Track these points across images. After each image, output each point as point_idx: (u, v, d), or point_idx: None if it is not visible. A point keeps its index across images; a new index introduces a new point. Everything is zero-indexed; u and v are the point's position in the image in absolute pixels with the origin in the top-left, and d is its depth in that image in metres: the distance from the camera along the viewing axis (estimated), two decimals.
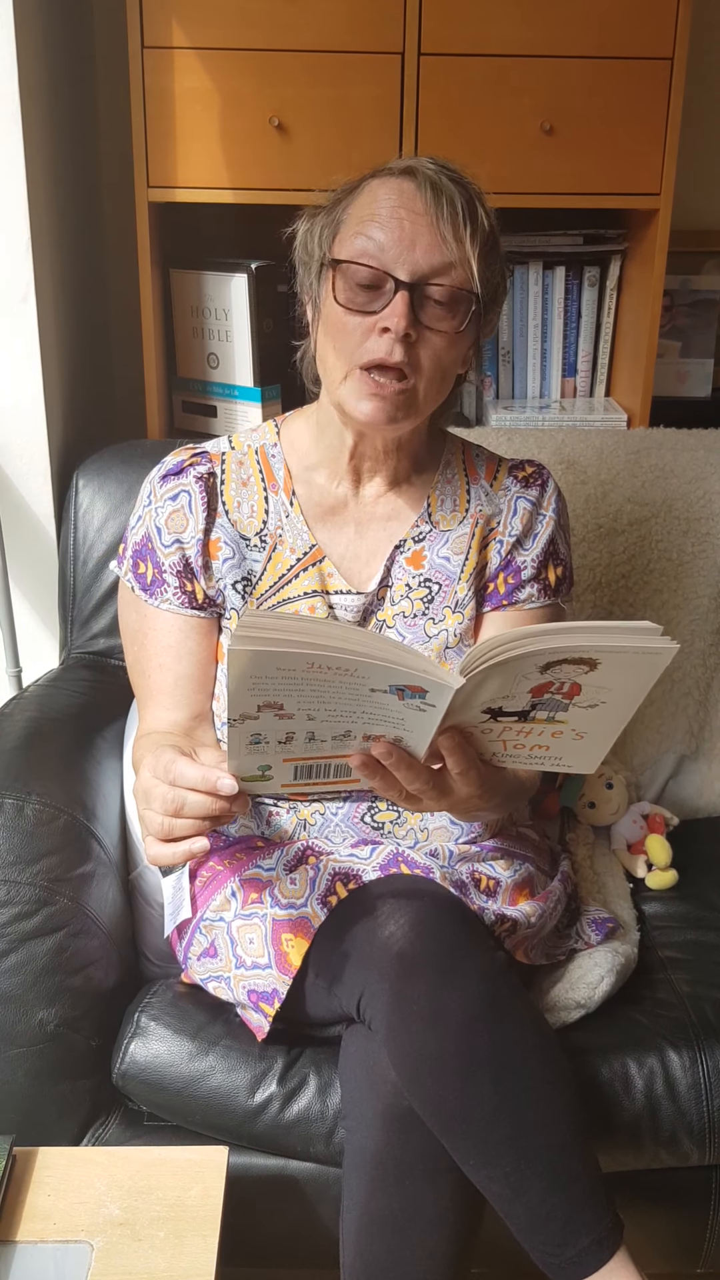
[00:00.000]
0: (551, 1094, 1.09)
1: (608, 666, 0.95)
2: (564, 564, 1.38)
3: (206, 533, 1.31)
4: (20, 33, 1.57)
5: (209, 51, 1.70)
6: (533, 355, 1.98)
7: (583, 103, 1.75)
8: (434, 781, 1.06)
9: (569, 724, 1.02)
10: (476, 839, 1.36)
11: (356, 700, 0.96)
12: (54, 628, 1.81)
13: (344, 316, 1.20)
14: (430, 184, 1.19)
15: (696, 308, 2.08)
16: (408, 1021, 1.09)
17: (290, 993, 1.22)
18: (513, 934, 1.27)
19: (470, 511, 1.35)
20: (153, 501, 1.32)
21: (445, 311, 1.19)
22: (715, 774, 1.78)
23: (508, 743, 1.05)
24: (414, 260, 1.17)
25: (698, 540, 1.74)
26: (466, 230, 1.18)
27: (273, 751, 1.01)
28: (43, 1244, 1.07)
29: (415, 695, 0.95)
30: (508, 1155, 1.06)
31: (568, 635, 0.93)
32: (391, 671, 0.92)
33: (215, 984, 1.31)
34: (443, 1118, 1.08)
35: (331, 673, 0.92)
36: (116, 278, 2.11)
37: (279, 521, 1.32)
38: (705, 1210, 1.31)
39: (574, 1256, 1.05)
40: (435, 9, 1.69)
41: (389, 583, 1.33)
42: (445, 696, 0.94)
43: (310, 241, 1.26)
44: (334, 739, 1.01)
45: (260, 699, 0.94)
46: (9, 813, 1.29)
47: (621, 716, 1.01)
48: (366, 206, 1.21)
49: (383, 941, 1.13)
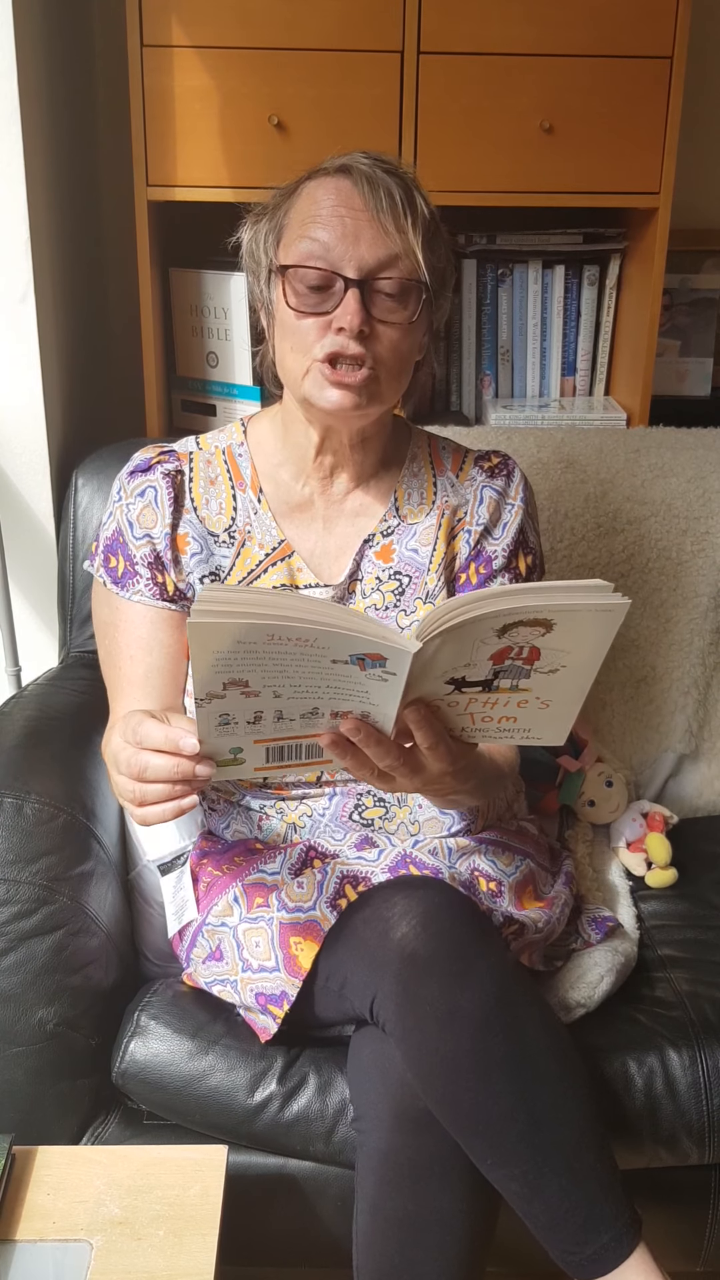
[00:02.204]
0: (566, 1091, 1.09)
1: (563, 626, 0.96)
2: (534, 553, 1.39)
3: (174, 528, 1.31)
4: (20, 32, 1.57)
5: (208, 50, 1.70)
6: (532, 354, 1.98)
7: (582, 102, 1.75)
8: (405, 758, 1.05)
9: (533, 691, 1.02)
10: (469, 829, 1.35)
11: (319, 673, 0.96)
12: (53, 627, 1.81)
13: (297, 320, 1.20)
14: (366, 179, 1.19)
15: (696, 307, 2.08)
16: (422, 1022, 1.09)
17: (298, 995, 1.22)
18: (520, 937, 1.27)
19: (437, 503, 1.35)
20: (122, 498, 1.33)
21: (396, 303, 1.20)
22: (715, 773, 1.78)
23: (475, 715, 1.05)
24: (359, 256, 1.18)
25: (697, 539, 1.74)
26: (408, 220, 1.19)
27: (243, 732, 1.01)
28: (42, 1243, 1.07)
29: (376, 664, 0.95)
30: (524, 1154, 1.06)
31: (520, 596, 0.94)
32: (349, 639, 0.93)
33: (220, 987, 1.31)
34: (459, 1117, 1.08)
35: (291, 644, 0.93)
36: (116, 277, 2.11)
37: (247, 518, 1.33)
38: (705, 1209, 1.31)
39: (594, 1254, 1.05)
40: (435, 8, 1.69)
41: (359, 576, 1.33)
42: (404, 662, 0.95)
43: (256, 249, 1.27)
44: (302, 717, 1.01)
45: (225, 676, 0.95)
46: (8, 811, 1.29)
47: (583, 680, 1.02)
48: (306, 209, 1.21)
49: (395, 943, 1.13)
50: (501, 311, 1.96)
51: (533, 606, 0.94)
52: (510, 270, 1.94)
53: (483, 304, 1.95)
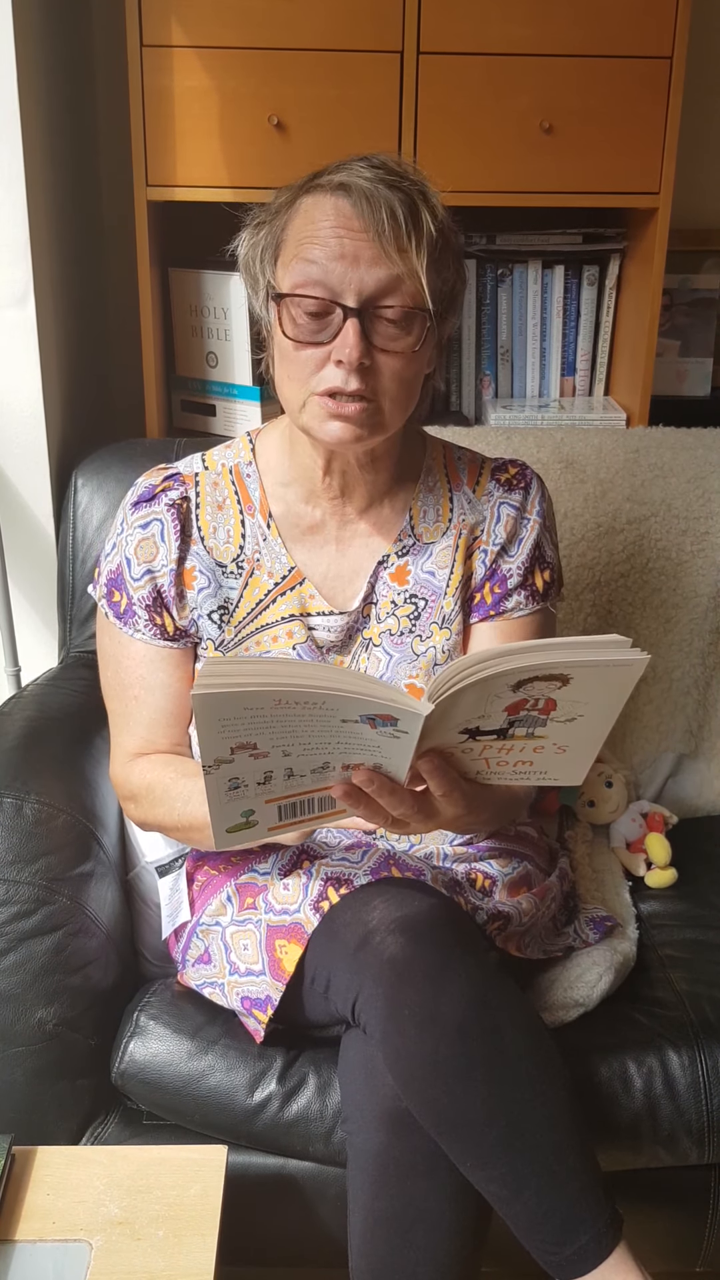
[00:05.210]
0: (546, 1094, 1.09)
1: (580, 681, 0.94)
2: (551, 567, 1.36)
3: (180, 562, 1.29)
4: (19, 32, 1.57)
5: (208, 50, 1.70)
6: (532, 354, 1.98)
7: (582, 102, 1.74)
8: (418, 805, 1.06)
9: (549, 738, 1.01)
10: (472, 840, 1.35)
11: (329, 731, 0.95)
12: (53, 627, 1.81)
13: (295, 350, 1.16)
14: (366, 197, 1.12)
15: (696, 307, 2.08)
16: (401, 1027, 1.09)
17: (286, 997, 1.22)
18: (504, 929, 1.27)
19: (454, 522, 1.32)
20: (125, 529, 1.30)
21: (399, 330, 1.14)
22: (714, 773, 1.78)
23: (490, 760, 1.04)
24: (359, 282, 1.12)
25: (696, 539, 1.74)
26: (410, 242, 1.12)
27: (252, 794, 1.00)
28: (42, 1243, 1.07)
29: (386, 724, 0.94)
30: (503, 1156, 1.06)
31: (535, 654, 0.92)
32: (358, 702, 0.92)
33: (210, 990, 1.31)
34: (438, 1121, 1.08)
35: (300, 707, 0.92)
36: (115, 277, 2.11)
37: (256, 545, 1.30)
38: (704, 1210, 1.31)
39: (573, 1254, 1.05)
40: (435, 8, 1.69)
41: (373, 600, 1.31)
42: (416, 724, 0.94)
43: (253, 265, 1.22)
44: (313, 772, 1.00)
45: (232, 740, 0.94)
46: (8, 812, 1.29)
47: (601, 727, 1.00)
48: (304, 228, 1.15)
49: (375, 947, 1.13)
50: (501, 312, 1.96)
51: (549, 664, 0.92)
52: (510, 270, 1.94)
53: (482, 304, 1.95)
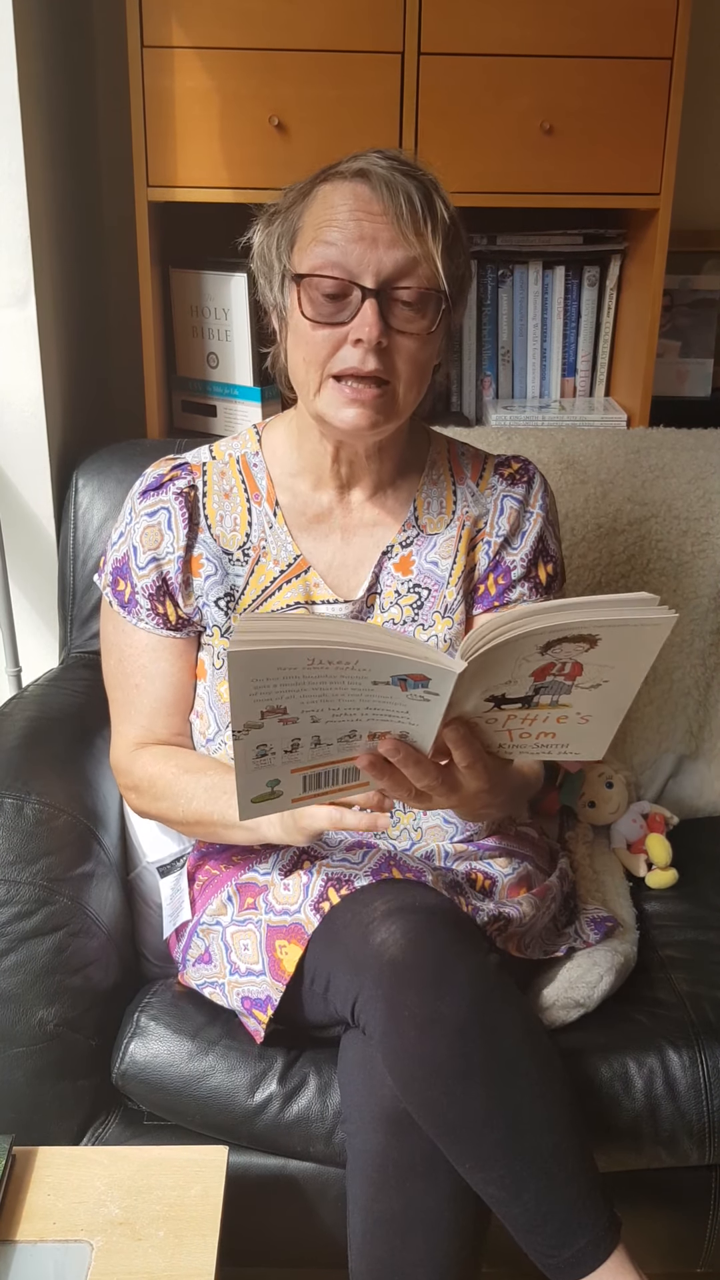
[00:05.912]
0: (545, 1096, 1.09)
1: (607, 642, 0.95)
2: (554, 560, 1.37)
3: (188, 549, 1.30)
4: (20, 32, 1.57)
5: (209, 51, 1.70)
6: (532, 355, 1.98)
7: (582, 102, 1.74)
8: (442, 777, 1.06)
9: (573, 707, 1.01)
10: (472, 838, 1.35)
11: (359, 695, 0.95)
12: (54, 627, 1.81)
13: (312, 330, 1.18)
14: (385, 183, 1.16)
15: (696, 307, 2.08)
16: (401, 1028, 1.09)
17: (286, 997, 1.22)
18: (505, 930, 1.27)
19: (457, 513, 1.34)
20: (133, 518, 1.32)
21: (415, 313, 1.17)
22: (715, 774, 1.78)
23: (513, 732, 1.05)
24: (378, 264, 1.15)
25: (697, 540, 1.74)
26: (427, 226, 1.16)
27: (279, 763, 1.00)
28: (42, 1243, 1.07)
29: (418, 684, 0.94)
30: (502, 1159, 1.06)
31: (566, 612, 0.93)
32: (393, 660, 0.92)
33: (211, 989, 1.31)
34: (437, 1123, 1.08)
35: (333, 667, 0.92)
36: (116, 277, 2.11)
37: (262, 533, 1.31)
38: (705, 1210, 1.31)
39: (571, 1257, 1.05)
40: (435, 9, 1.69)
41: (377, 589, 1.32)
42: (448, 682, 0.94)
43: (268, 253, 1.23)
44: (339, 741, 1.00)
45: (263, 704, 0.94)
46: (9, 812, 1.29)
47: (625, 696, 1.00)
48: (322, 213, 1.18)
49: (374, 949, 1.13)
50: (502, 312, 1.96)
51: (579, 623, 0.93)
52: (510, 271, 1.94)
53: (483, 305, 1.95)
